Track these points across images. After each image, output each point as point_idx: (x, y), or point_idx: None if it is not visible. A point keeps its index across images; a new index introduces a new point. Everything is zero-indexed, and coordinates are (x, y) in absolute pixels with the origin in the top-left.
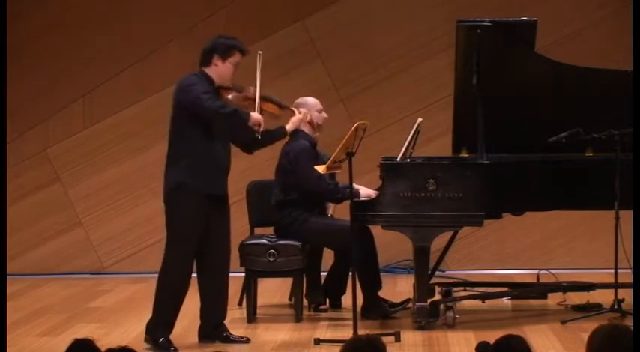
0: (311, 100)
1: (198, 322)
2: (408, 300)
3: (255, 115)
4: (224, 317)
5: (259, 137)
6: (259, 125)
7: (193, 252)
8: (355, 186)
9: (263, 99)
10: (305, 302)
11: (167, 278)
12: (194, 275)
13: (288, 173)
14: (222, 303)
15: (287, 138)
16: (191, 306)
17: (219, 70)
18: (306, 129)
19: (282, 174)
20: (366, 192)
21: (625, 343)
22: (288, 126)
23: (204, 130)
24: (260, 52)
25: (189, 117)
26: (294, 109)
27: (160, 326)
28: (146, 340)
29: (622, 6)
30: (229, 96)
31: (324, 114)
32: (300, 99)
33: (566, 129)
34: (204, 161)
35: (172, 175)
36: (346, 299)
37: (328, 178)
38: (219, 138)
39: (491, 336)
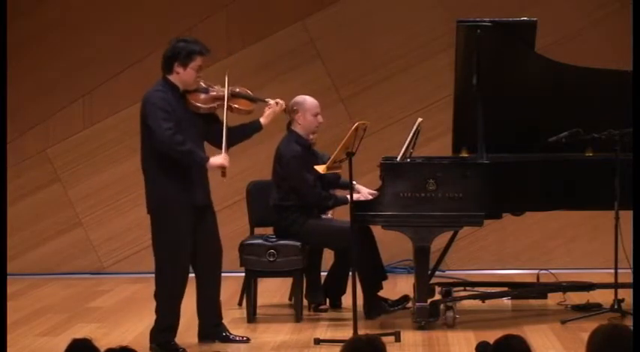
0: (309, 103)
1: (197, 322)
2: (407, 299)
3: (216, 162)
4: (221, 318)
5: (224, 177)
6: (223, 168)
7: (187, 255)
8: (356, 185)
9: (233, 96)
10: (305, 302)
11: (165, 288)
12: (192, 275)
13: (282, 178)
14: (217, 305)
15: (282, 136)
16: (190, 306)
17: (182, 77)
18: (298, 130)
19: (276, 178)
20: (363, 193)
21: (625, 343)
22: (263, 120)
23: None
24: (227, 72)
25: None
26: (269, 101)
27: (164, 331)
28: (152, 349)
29: (622, 6)
30: (197, 102)
31: (320, 119)
32: (299, 98)
33: (566, 129)
34: (184, 172)
35: (155, 189)
36: (346, 299)
37: (332, 177)
38: (193, 142)
39: (491, 336)
